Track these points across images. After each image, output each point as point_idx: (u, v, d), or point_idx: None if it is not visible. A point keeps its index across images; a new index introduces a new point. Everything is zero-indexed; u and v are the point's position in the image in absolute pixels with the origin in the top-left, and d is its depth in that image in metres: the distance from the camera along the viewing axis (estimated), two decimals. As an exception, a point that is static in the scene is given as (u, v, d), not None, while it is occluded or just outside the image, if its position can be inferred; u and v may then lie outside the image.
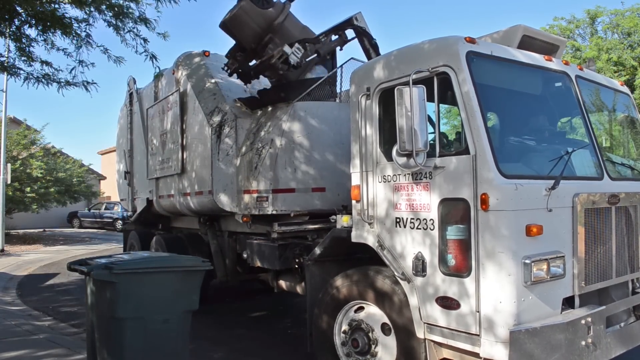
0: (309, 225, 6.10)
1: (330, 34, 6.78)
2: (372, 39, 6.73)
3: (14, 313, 8.32)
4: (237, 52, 6.85)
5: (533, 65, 4.41)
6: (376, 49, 6.67)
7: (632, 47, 20.43)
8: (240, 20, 6.41)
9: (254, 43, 6.54)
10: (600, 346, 3.80)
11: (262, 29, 6.46)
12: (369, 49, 6.66)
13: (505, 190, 3.60)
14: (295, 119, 6.19)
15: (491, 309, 3.60)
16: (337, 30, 6.67)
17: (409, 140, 3.78)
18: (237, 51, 6.87)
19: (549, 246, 3.73)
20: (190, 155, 7.44)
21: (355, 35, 6.76)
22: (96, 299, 4.48)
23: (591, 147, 4.48)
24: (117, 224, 27.19)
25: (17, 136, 22.23)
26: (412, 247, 4.17)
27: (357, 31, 6.71)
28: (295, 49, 6.03)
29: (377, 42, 6.74)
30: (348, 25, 6.72)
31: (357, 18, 6.70)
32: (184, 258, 5.12)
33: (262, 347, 6.42)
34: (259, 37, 6.48)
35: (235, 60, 6.83)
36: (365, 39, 6.69)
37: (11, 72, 7.73)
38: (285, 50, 6.03)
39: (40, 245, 19.94)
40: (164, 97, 8.34)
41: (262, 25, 6.45)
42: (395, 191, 4.35)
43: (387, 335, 4.42)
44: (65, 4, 7.02)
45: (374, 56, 6.54)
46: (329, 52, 6.80)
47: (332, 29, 6.73)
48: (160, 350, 4.40)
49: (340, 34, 6.69)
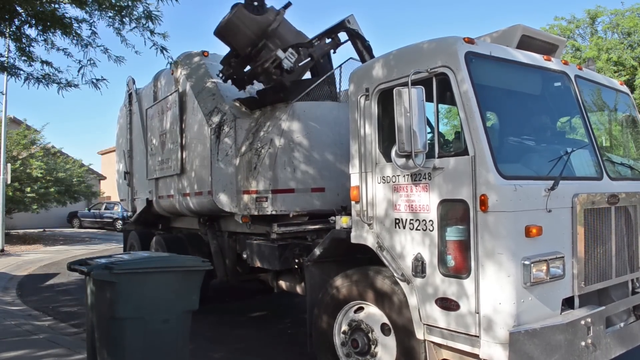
0: (309, 226, 6.11)
1: (323, 37, 6.77)
2: (365, 41, 6.73)
3: (14, 313, 8.33)
4: (232, 59, 6.84)
5: (532, 65, 4.40)
6: (369, 50, 6.67)
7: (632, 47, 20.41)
8: (234, 27, 6.39)
9: (248, 49, 6.53)
10: (600, 346, 3.80)
11: (257, 35, 6.45)
12: (363, 51, 6.65)
13: (505, 191, 3.60)
14: (295, 119, 6.19)
15: (491, 310, 3.60)
16: (330, 34, 6.66)
17: (408, 141, 3.78)
18: (231, 58, 6.87)
19: (548, 247, 3.73)
20: (190, 156, 7.44)
21: (348, 37, 6.76)
22: (96, 299, 4.49)
23: (591, 147, 4.48)
24: (117, 224, 27.20)
25: (17, 136, 22.24)
26: (412, 247, 4.17)
27: (349, 34, 6.71)
28: (288, 54, 6.03)
29: (370, 44, 6.73)
30: (341, 28, 6.71)
31: (349, 21, 6.69)
32: (184, 258, 5.13)
33: (262, 347, 6.42)
34: (253, 43, 6.46)
35: (230, 66, 6.82)
36: (358, 41, 6.68)
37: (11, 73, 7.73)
38: (279, 54, 6.03)
39: (40, 245, 19.95)
40: (163, 97, 8.35)
41: (256, 31, 6.44)
42: (394, 192, 4.35)
43: (387, 336, 4.42)
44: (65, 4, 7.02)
45: (368, 58, 6.53)
46: (322, 55, 6.80)
47: (324, 32, 6.73)
48: (160, 350, 4.40)
49: (333, 37, 6.69)
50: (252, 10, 6.39)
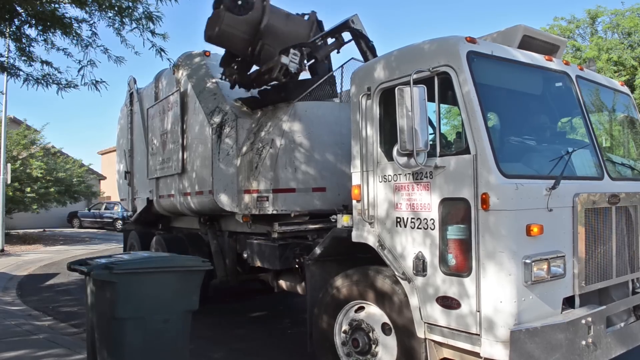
0: (310, 225, 6.11)
1: (326, 37, 6.75)
2: (369, 41, 6.71)
3: (14, 313, 8.32)
4: (232, 61, 6.79)
5: (533, 65, 4.41)
6: (373, 51, 6.66)
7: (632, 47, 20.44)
8: (227, 35, 6.31)
9: (247, 51, 6.47)
10: (601, 346, 3.80)
11: (251, 34, 6.38)
12: (366, 52, 6.64)
13: (506, 190, 3.60)
14: (296, 119, 6.19)
15: (491, 309, 3.60)
16: (333, 34, 6.64)
17: (410, 140, 3.78)
18: (230, 59, 6.81)
19: (549, 246, 3.73)
20: (191, 155, 7.44)
21: (352, 37, 6.75)
22: (96, 299, 4.48)
23: (591, 147, 4.48)
24: (117, 224, 27.21)
25: (17, 136, 22.25)
26: (413, 247, 4.17)
27: (353, 34, 6.69)
28: (292, 56, 6.00)
29: (374, 44, 6.72)
30: (345, 28, 6.70)
31: (353, 21, 6.67)
32: (184, 258, 5.13)
33: (262, 347, 6.42)
34: (250, 45, 6.40)
35: (233, 70, 6.77)
36: (362, 41, 6.66)
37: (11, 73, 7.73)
38: (284, 61, 6.00)
39: (40, 245, 19.94)
40: (165, 97, 8.34)
41: (249, 31, 6.37)
42: (395, 191, 4.35)
43: (388, 335, 4.42)
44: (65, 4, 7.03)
45: (371, 58, 6.50)
46: (326, 55, 6.78)
47: (328, 32, 6.71)
48: (160, 350, 4.40)
49: (337, 37, 6.67)
50: (238, 11, 6.26)
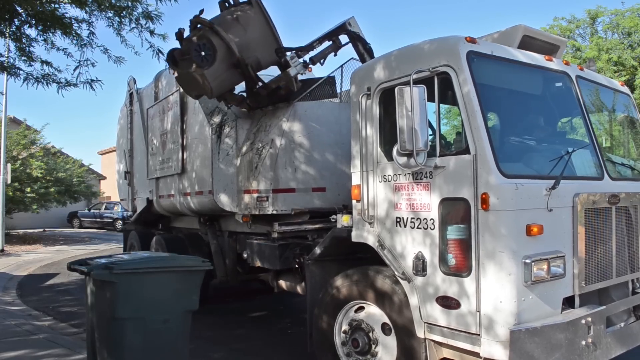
0: (309, 225, 6.10)
1: (323, 40, 6.73)
2: (367, 43, 6.69)
3: (14, 313, 8.32)
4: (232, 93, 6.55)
5: (533, 65, 4.41)
6: (371, 53, 6.64)
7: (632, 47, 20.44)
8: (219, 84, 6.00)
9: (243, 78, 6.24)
10: (601, 346, 3.80)
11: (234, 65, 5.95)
12: (364, 54, 6.62)
13: (506, 189, 3.60)
14: (296, 119, 6.20)
15: (491, 309, 3.60)
16: (330, 36, 6.63)
17: (410, 140, 3.78)
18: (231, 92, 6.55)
19: (549, 246, 3.73)
20: (191, 155, 7.44)
21: (349, 40, 6.74)
22: (96, 299, 4.48)
23: (591, 147, 4.48)
24: (117, 224, 27.23)
25: (17, 136, 22.26)
26: (413, 246, 4.17)
27: (351, 36, 6.67)
28: (294, 64, 5.97)
29: (371, 46, 6.71)
30: (342, 31, 6.67)
31: (350, 23, 6.65)
32: (184, 258, 5.12)
33: (262, 347, 6.41)
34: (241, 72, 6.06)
35: (239, 97, 6.57)
36: (359, 43, 6.65)
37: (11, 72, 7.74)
38: (292, 73, 5.94)
39: (40, 245, 19.94)
40: (164, 97, 8.35)
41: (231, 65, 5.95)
42: (395, 191, 4.35)
43: (388, 335, 4.42)
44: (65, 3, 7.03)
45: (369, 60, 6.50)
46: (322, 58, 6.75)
47: (325, 35, 6.69)
48: (160, 350, 4.40)
49: (334, 39, 6.67)
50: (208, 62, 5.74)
